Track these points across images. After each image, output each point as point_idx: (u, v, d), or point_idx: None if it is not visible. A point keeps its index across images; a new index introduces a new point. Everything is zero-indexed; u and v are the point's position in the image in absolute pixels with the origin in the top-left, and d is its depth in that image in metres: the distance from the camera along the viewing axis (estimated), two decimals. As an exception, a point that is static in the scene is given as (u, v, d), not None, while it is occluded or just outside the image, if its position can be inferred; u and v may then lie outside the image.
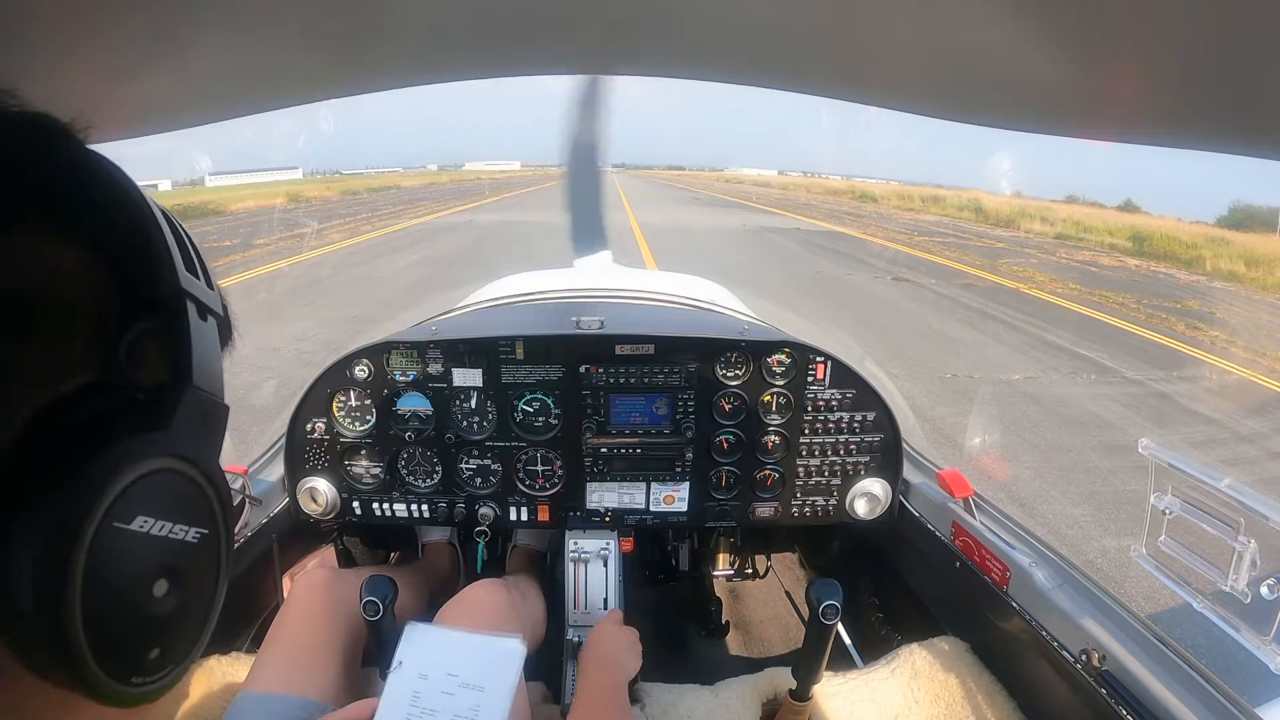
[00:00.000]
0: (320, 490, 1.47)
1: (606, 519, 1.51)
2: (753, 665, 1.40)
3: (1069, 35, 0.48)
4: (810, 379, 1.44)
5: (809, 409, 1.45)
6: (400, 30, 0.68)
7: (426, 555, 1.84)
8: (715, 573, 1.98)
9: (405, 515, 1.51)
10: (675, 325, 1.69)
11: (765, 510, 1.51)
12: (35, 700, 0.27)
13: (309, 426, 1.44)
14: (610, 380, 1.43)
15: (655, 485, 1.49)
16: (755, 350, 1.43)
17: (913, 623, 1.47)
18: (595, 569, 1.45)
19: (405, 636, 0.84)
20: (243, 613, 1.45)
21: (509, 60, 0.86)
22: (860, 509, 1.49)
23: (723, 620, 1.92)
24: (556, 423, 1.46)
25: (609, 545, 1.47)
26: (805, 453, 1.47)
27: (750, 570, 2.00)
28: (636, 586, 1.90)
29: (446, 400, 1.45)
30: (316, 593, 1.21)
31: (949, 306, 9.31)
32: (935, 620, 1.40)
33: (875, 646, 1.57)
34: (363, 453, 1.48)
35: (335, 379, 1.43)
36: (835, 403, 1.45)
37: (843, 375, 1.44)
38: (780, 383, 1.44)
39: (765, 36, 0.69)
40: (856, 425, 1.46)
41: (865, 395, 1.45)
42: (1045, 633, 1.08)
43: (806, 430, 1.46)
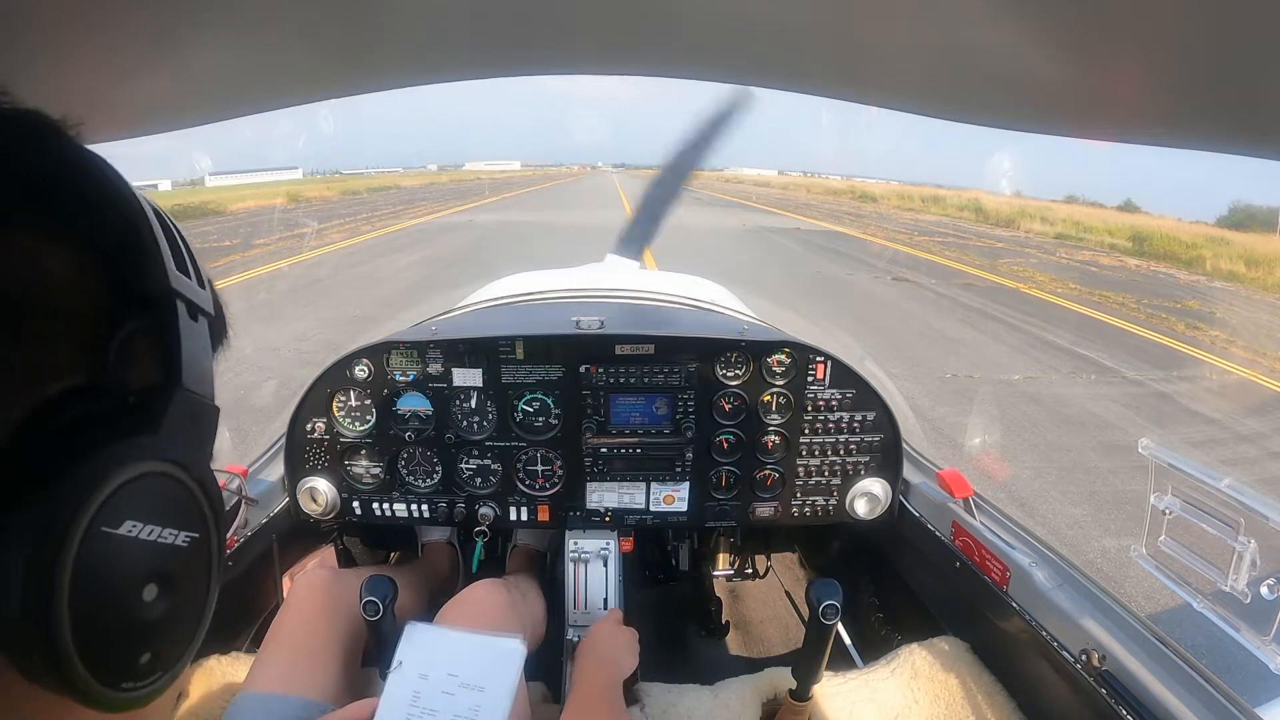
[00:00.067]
0: (320, 490, 1.47)
1: (606, 519, 1.51)
2: (753, 665, 1.40)
3: (1069, 35, 0.48)
4: (810, 379, 1.44)
5: (809, 409, 1.45)
6: (400, 30, 0.68)
7: (426, 555, 1.84)
8: (715, 573, 1.98)
9: (405, 515, 1.51)
10: (675, 325, 1.69)
11: (765, 510, 1.51)
12: (32, 704, 0.26)
13: (309, 426, 1.45)
14: (610, 380, 1.43)
15: (655, 485, 1.49)
16: (755, 350, 1.43)
17: (913, 623, 1.47)
18: (595, 569, 1.45)
19: (405, 636, 0.84)
20: (243, 613, 1.45)
21: (509, 60, 0.86)
22: (860, 509, 1.49)
23: (723, 620, 1.92)
24: (556, 423, 1.46)
25: (609, 545, 1.47)
26: (805, 453, 1.47)
27: (750, 570, 2.00)
28: (636, 586, 1.90)
29: (446, 400, 1.45)
30: (316, 593, 1.21)
31: (949, 306, 9.31)
32: (935, 620, 1.40)
33: (875, 646, 1.57)
34: (363, 453, 1.48)
35: (335, 379, 1.43)
36: (835, 403, 1.45)
37: (843, 375, 1.44)
38: (780, 383, 1.44)
39: (765, 36, 0.69)
40: (856, 425, 1.46)
41: (865, 395, 1.45)
42: (1045, 633, 1.08)
43: (806, 430, 1.46)
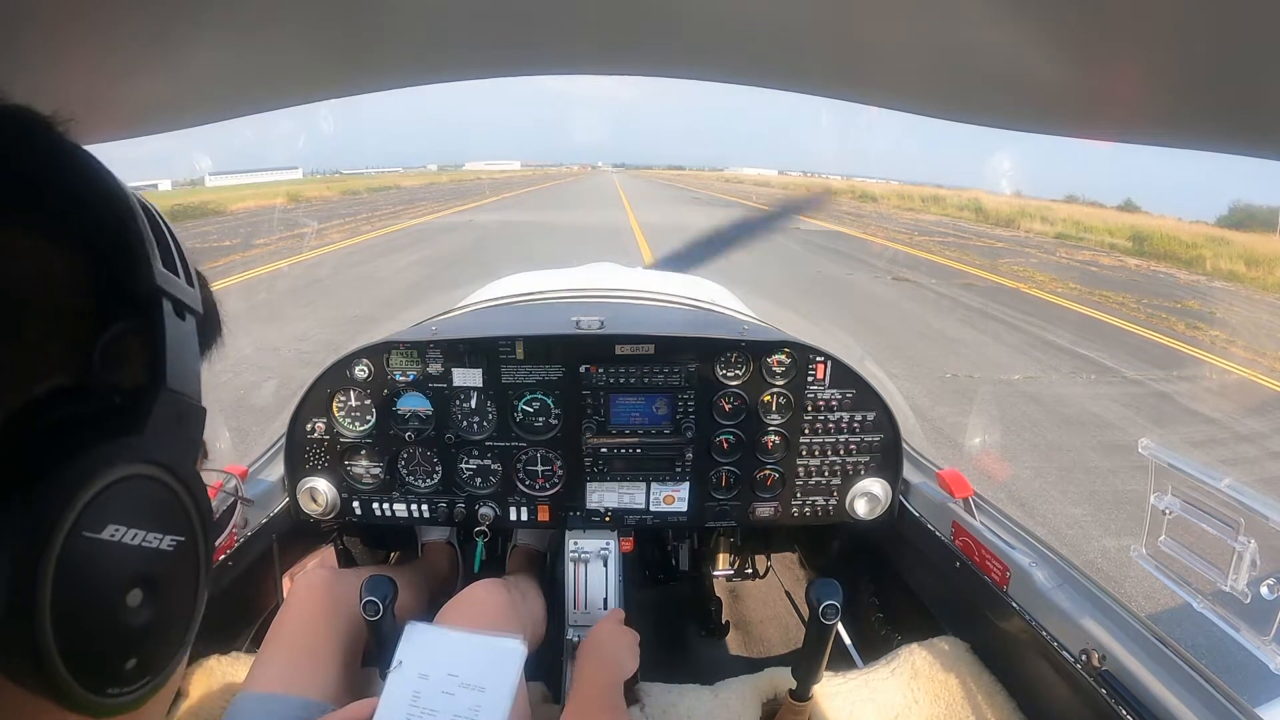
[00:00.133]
0: (320, 490, 1.47)
1: (606, 519, 1.51)
2: (753, 665, 1.40)
3: (1069, 35, 0.48)
4: (810, 379, 1.44)
5: (809, 409, 1.45)
6: (400, 30, 0.68)
7: (426, 555, 1.84)
8: (715, 573, 1.98)
9: (405, 515, 1.51)
10: (675, 325, 1.69)
11: (765, 510, 1.51)
12: (27, 708, 0.26)
13: (309, 426, 1.44)
14: (610, 380, 1.42)
15: (655, 485, 1.49)
16: (755, 350, 1.43)
17: (913, 623, 1.47)
18: (595, 569, 1.45)
19: (405, 636, 0.84)
20: (243, 613, 1.45)
21: (509, 60, 0.86)
22: (860, 509, 1.49)
23: (723, 620, 1.92)
24: (556, 423, 1.46)
25: (609, 545, 1.47)
26: (805, 453, 1.47)
27: (750, 570, 2.00)
28: (636, 586, 1.90)
29: (446, 400, 1.45)
30: (316, 593, 1.21)
31: (949, 306, 9.31)
32: (935, 620, 1.40)
33: (875, 646, 1.57)
34: (363, 453, 1.48)
35: (335, 379, 1.43)
36: (835, 403, 1.45)
37: (843, 375, 1.44)
38: (780, 383, 1.44)
39: (765, 36, 0.69)
40: (856, 425, 1.46)
41: (865, 395, 1.45)
42: (1045, 633, 1.08)
43: (806, 430, 1.46)
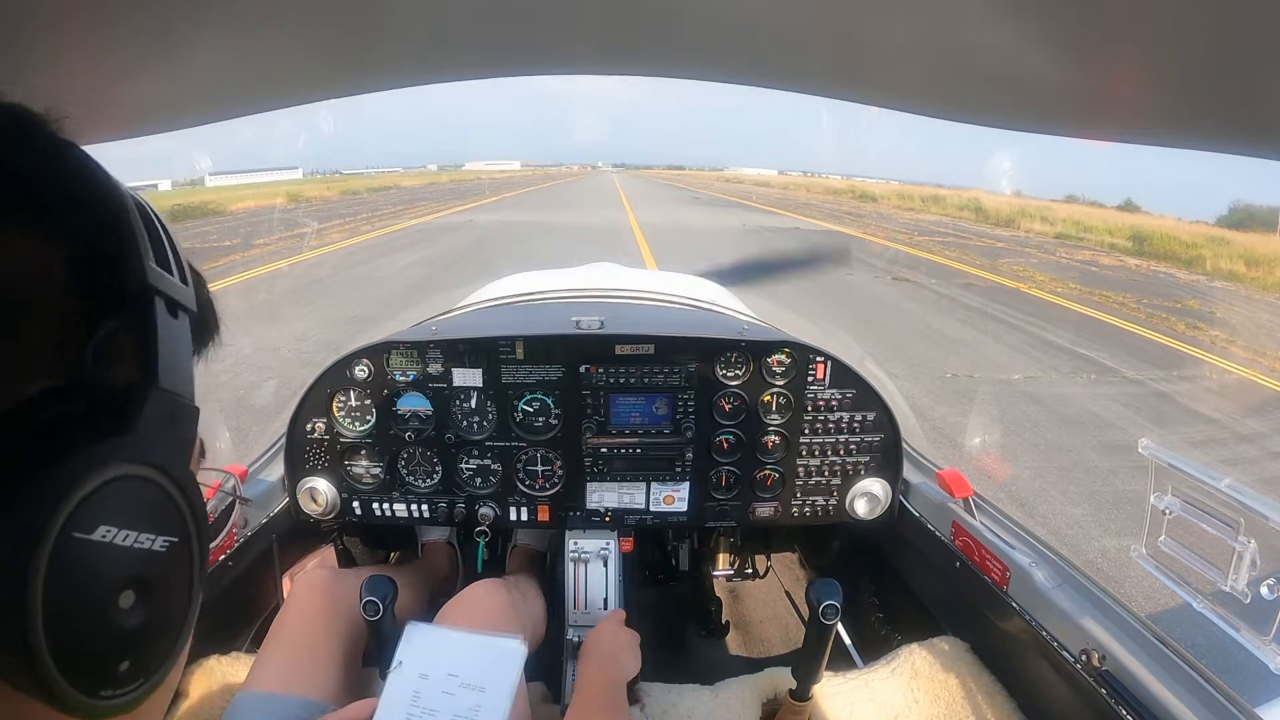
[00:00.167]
0: (320, 490, 1.47)
1: (606, 519, 1.51)
2: (753, 665, 1.40)
3: (1069, 35, 0.48)
4: (810, 379, 1.44)
5: (809, 409, 1.45)
6: (400, 30, 0.68)
7: (426, 555, 1.84)
8: (715, 573, 1.98)
9: (405, 515, 1.51)
10: (675, 325, 1.69)
11: (765, 510, 1.51)
12: (20, 711, 0.26)
13: (309, 426, 1.44)
14: (610, 380, 1.42)
15: (655, 485, 1.49)
16: (755, 350, 1.43)
17: (913, 623, 1.47)
18: (595, 569, 1.45)
19: (405, 636, 0.84)
20: (243, 613, 1.45)
21: (509, 60, 0.86)
22: (860, 509, 1.49)
23: (723, 620, 1.92)
24: (556, 423, 1.46)
25: (609, 545, 1.47)
26: (805, 453, 1.47)
27: (750, 570, 2.00)
28: (636, 586, 1.90)
29: (446, 400, 1.45)
30: (316, 593, 1.21)
31: (949, 306, 9.31)
32: (935, 620, 1.40)
33: (875, 646, 1.57)
34: (363, 453, 1.48)
35: (335, 379, 1.43)
36: (835, 403, 1.45)
37: (843, 375, 1.44)
38: (780, 383, 1.44)
39: (765, 36, 0.69)
40: (856, 425, 1.46)
41: (865, 395, 1.45)
42: (1045, 633, 1.08)
43: (806, 430, 1.46)
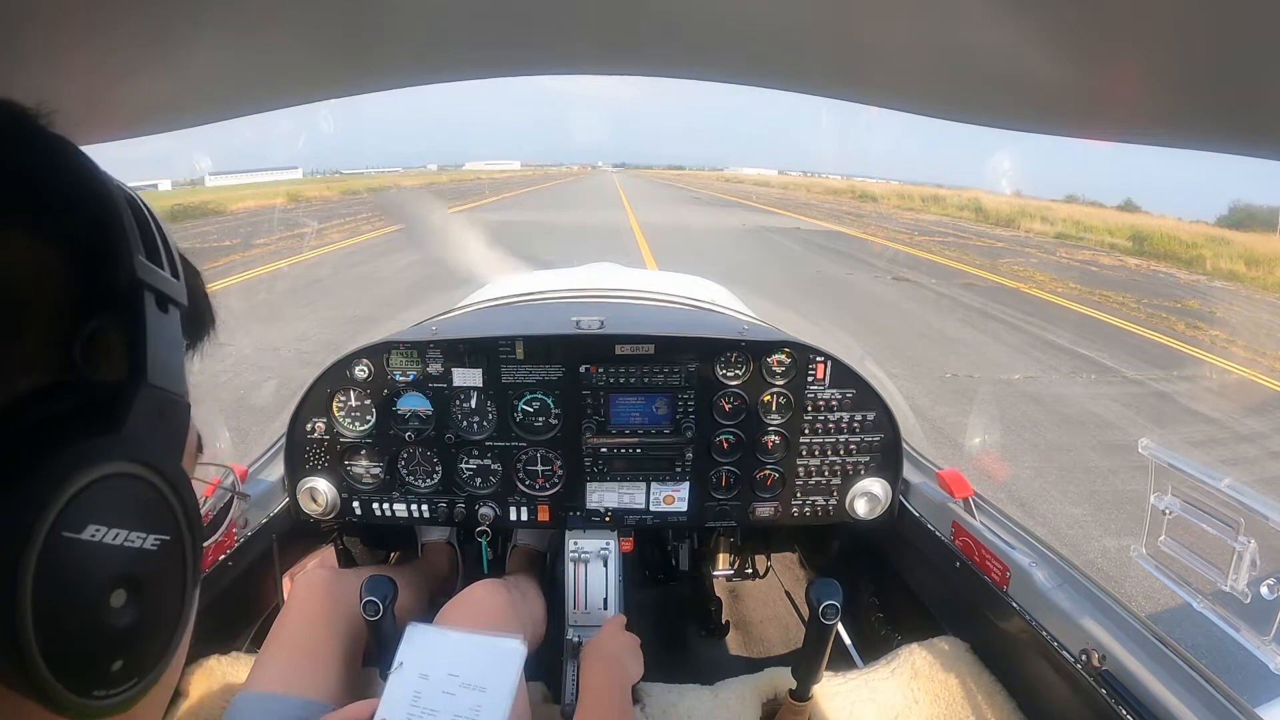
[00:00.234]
0: (320, 490, 1.47)
1: (606, 519, 1.51)
2: (753, 665, 1.40)
3: (1069, 35, 0.48)
4: (810, 379, 1.44)
5: (809, 409, 1.45)
6: (400, 30, 0.68)
7: (426, 555, 1.84)
8: (715, 573, 1.98)
9: (405, 515, 1.51)
10: (675, 325, 1.69)
11: (765, 510, 1.51)
12: (13, 713, 0.26)
13: (309, 426, 1.44)
14: (610, 380, 1.42)
15: (655, 485, 1.49)
16: (755, 350, 1.43)
17: (913, 623, 1.47)
18: (595, 569, 1.45)
19: (406, 637, 0.84)
20: (243, 613, 1.45)
21: (509, 60, 0.86)
22: (860, 509, 1.49)
23: (723, 620, 1.92)
24: (556, 423, 1.46)
25: (609, 545, 1.47)
26: (805, 452, 1.47)
27: (750, 570, 2.00)
28: (636, 586, 1.90)
29: (446, 400, 1.45)
30: (316, 593, 1.21)
31: (949, 306, 9.31)
32: (935, 620, 1.40)
33: (875, 646, 1.57)
34: (363, 453, 1.48)
35: (335, 379, 1.43)
36: (835, 402, 1.45)
37: (843, 375, 1.44)
38: (780, 383, 1.44)
39: (765, 36, 0.69)
40: (856, 425, 1.46)
41: (865, 395, 1.45)
42: (1045, 633, 1.08)
43: (806, 430, 1.46)
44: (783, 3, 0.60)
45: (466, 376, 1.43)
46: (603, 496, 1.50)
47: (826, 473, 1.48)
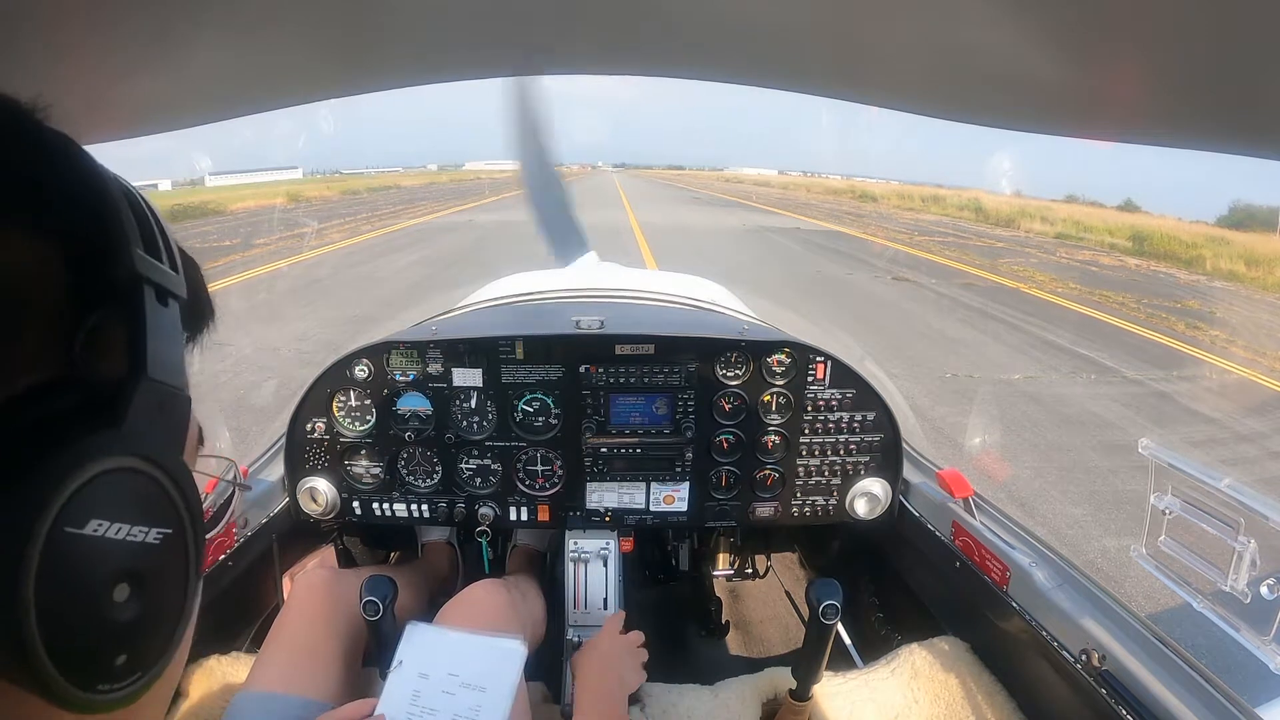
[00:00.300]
0: (320, 490, 1.47)
1: (606, 519, 1.51)
2: (753, 665, 1.40)
3: (1069, 35, 0.48)
4: (810, 379, 1.44)
5: (809, 409, 1.45)
6: (400, 30, 0.68)
7: (426, 555, 1.84)
8: (715, 573, 1.98)
9: (405, 515, 1.51)
10: (675, 325, 1.69)
11: (765, 510, 1.51)
12: (19, 708, 0.26)
13: (309, 426, 1.45)
14: (610, 380, 1.42)
15: (655, 485, 1.49)
16: (755, 350, 1.43)
17: (913, 623, 1.47)
18: (595, 569, 1.45)
19: (406, 636, 0.84)
20: (243, 613, 1.45)
21: (509, 60, 0.86)
22: (860, 509, 1.49)
23: (723, 620, 1.92)
24: (556, 423, 1.46)
25: (609, 545, 1.47)
26: (805, 452, 1.47)
27: (750, 570, 2.00)
28: (636, 586, 1.90)
29: (446, 400, 1.45)
30: (316, 593, 1.21)
31: (949, 306, 9.32)
32: (935, 620, 1.40)
33: (875, 646, 1.57)
34: (363, 453, 1.48)
35: (335, 379, 1.43)
36: (835, 402, 1.45)
37: (843, 375, 1.44)
38: (780, 383, 1.44)
39: (765, 36, 0.69)
40: (856, 425, 1.46)
41: (865, 395, 1.45)
42: (1045, 633, 1.08)
43: (806, 430, 1.46)
44: (783, 3, 0.59)
45: (466, 376, 1.43)
46: (603, 496, 1.50)
47: (826, 473, 1.48)
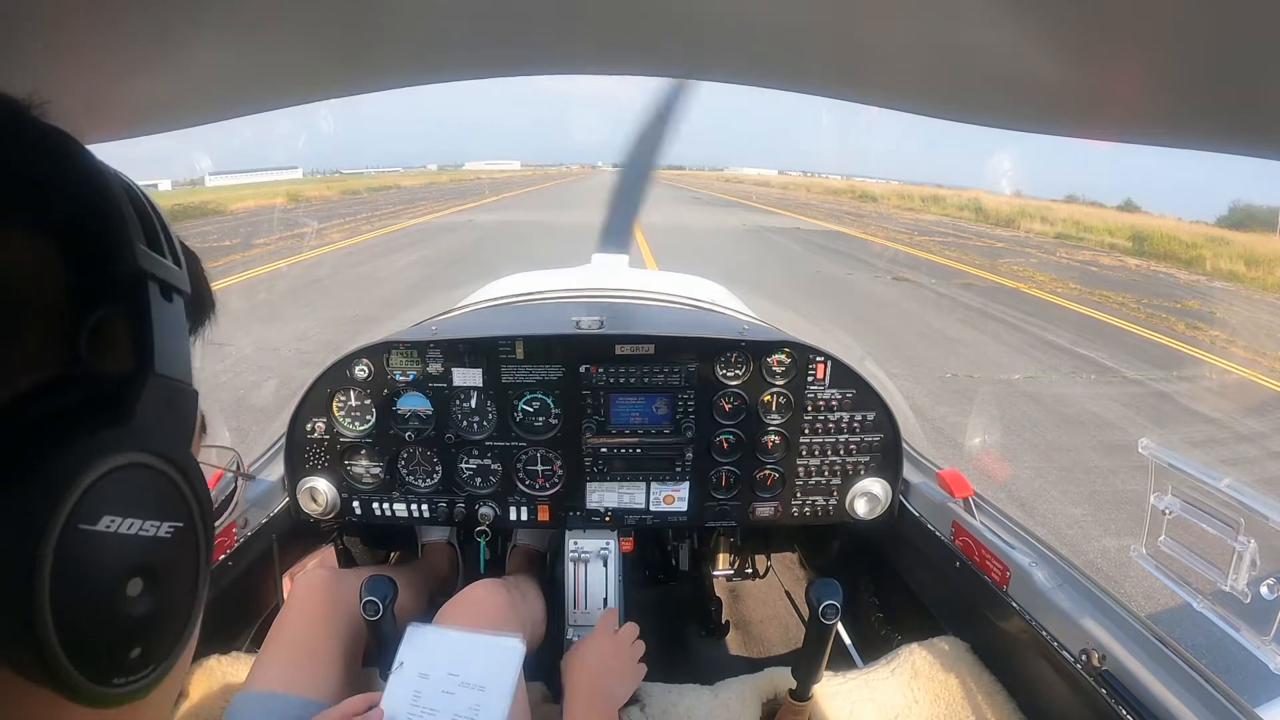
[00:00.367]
0: (320, 490, 1.47)
1: (606, 519, 1.51)
2: (753, 665, 1.40)
3: (1069, 35, 0.48)
4: (810, 379, 1.44)
5: (809, 409, 1.45)
6: (400, 30, 0.68)
7: (426, 555, 1.84)
8: (715, 573, 1.98)
9: (405, 515, 1.51)
10: (675, 325, 1.69)
11: (765, 510, 1.51)
12: (28, 702, 0.26)
13: (309, 426, 1.45)
14: (610, 380, 1.42)
15: (655, 485, 1.49)
16: (755, 350, 1.43)
17: (913, 623, 1.47)
18: (595, 569, 1.45)
19: (406, 637, 0.84)
20: (243, 613, 1.45)
21: (509, 60, 0.86)
22: (860, 509, 1.49)
23: (723, 620, 1.92)
24: (556, 423, 1.46)
25: (609, 545, 1.47)
26: (805, 452, 1.47)
27: (750, 570, 2.00)
28: (636, 586, 1.90)
29: (446, 400, 1.45)
30: (316, 593, 1.21)
31: (949, 306, 9.32)
32: (935, 620, 1.40)
33: (875, 646, 1.57)
34: (363, 452, 1.48)
35: (335, 379, 1.43)
36: (835, 402, 1.45)
37: (843, 375, 1.44)
38: (780, 382, 1.44)
39: (765, 36, 0.69)
40: (856, 425, 1.46)
41: (865, 395, 1.45)
42: (1045, 633, 1.08)
43: (806, 430, 1.46)
44: (783, 3, 0.59)
45: (466, 376, 1.43)
46: (603, 496, 1.50)
47: (826, 473, 1.48)
